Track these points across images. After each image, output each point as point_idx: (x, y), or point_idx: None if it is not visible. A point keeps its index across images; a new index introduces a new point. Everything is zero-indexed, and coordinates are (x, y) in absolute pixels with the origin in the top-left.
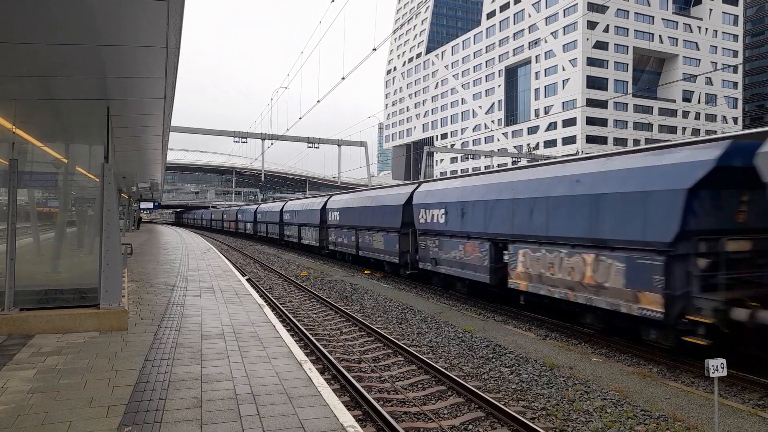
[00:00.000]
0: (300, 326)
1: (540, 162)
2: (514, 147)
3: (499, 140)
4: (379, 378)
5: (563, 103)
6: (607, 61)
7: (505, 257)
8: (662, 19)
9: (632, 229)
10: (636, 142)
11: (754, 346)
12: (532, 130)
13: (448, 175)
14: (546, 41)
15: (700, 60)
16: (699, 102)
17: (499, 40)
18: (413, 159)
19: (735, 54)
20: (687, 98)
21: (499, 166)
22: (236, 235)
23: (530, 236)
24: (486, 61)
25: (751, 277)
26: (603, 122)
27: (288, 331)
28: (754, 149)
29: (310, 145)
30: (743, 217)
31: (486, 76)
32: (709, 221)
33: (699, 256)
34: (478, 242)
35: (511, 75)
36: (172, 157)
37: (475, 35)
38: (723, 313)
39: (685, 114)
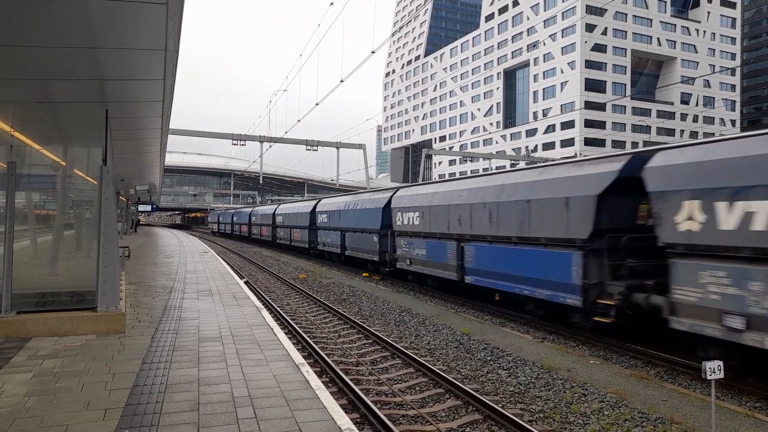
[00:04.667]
0: (298, 329)
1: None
2: (513, 149)
3: (497, 143)
4: (377, 381)
5: (562, 105)
6: (606, 63)
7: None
8: (660, 21)
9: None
10: (634, 144)
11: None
12: (531, 133)
13: (447, 177)
14: (544, 44)
15: (698, 63)
16: (697, 104)
17: (498, 43)
18: (412, 161)
19: (733, 57)
20: (685, 101)
21: (497, 168)
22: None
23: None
24: (484, 64)
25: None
26: (601, 125)
27: (286, 333)
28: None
29: (309, 147)
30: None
31: (484, 78)
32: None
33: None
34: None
35: (510, 78)
36: (171, 159)
37: (473, 38)
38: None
39: (684, 116)
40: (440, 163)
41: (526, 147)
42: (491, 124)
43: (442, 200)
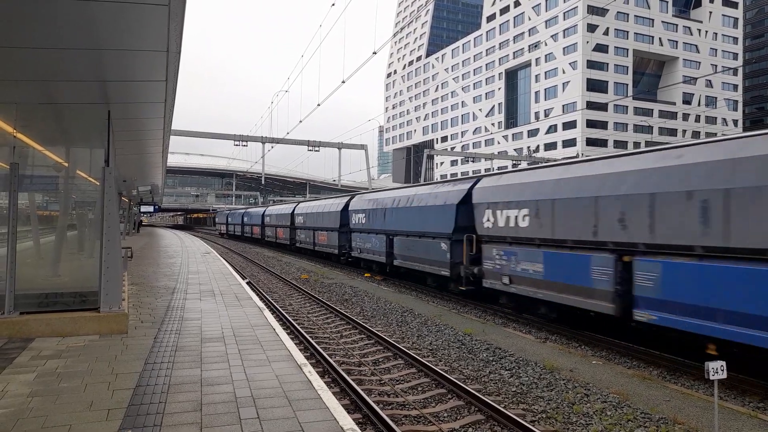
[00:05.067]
0: (300, 329)
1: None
2: (515, 150)
3: (499, 143)
4: (380, 381)
5: (563, 105)
6: (607, 63)
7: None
8: (662, 21)
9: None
10: (636, 144)
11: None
12: (533, 133)
13: (448, 177)
14: (546, 44)
15: (700, 62)
16: (699, 104)
17: (499, 43)
18: (413, 162)
19: (735, 56)
20: (687, 101)
21: (498, 168)
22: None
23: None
24: (486, 64)
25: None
26: (603, 125)
27: (288, 334)
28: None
29: (311, 148)
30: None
31: (486, 79)
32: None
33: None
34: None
35: (511, 78)
36: (173, 160)
37: (475, 38)
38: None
39: (686, 116)
40: (442, 163)
41: (528, 147)
42: (493, 124)
43: (579, 189)
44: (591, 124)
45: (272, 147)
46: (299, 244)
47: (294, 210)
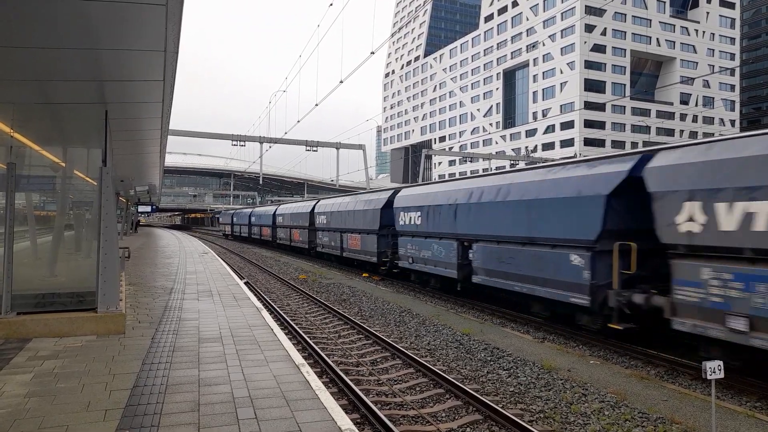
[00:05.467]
0: (298, 329)
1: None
2: (512, 150)
3: (497, 143)
4: (377, 381)
5: (561, 105)
6: (605, 64)
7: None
8: (659, 22)
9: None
10: (634, 144)
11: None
12: (530, 133)
13: (446, 177)
14: (544, 44)
15: (697, 63)
16: (696, 104)
17: (497, 44)
18: (412, 162)
19: (732, 57)
20: (684, 101)
21: (496, 168)
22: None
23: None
24: (484, 65)
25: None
26: (601, 125)
27: (286, 334)
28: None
29: (309, 148)
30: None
31: (484, 79)
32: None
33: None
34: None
35: (509, 78)
36: (170, 160)
37: (473, 38)
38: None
39: (683, 116)
40: (440, 163)
41: (526, 147)
42: (491, 124)
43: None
44: (589, 124)
45: (270, 147)
46: (321, 248)
47: (314, 208)
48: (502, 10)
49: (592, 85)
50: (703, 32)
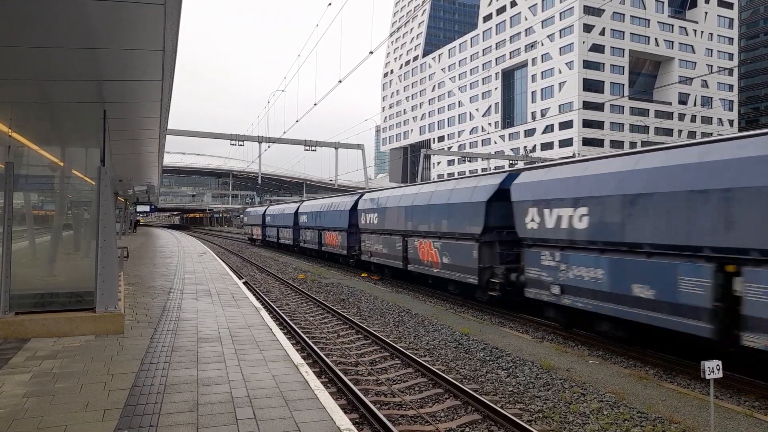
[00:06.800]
0: (297, 329)
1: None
2: (511, 149)
3: (496, 143)
4: (376, 381)
5: (560, 105)
6: (604, 63)
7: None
8: (658, 22)
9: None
10: (632, 144)
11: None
12: (529, 133)
13: (445, 177)
14: (542, 44)
15: (695, 63)
16: (695, 104)
17: (496, 43)
18: (410, 162)
19: (730, 57)
20: (683, 101)
21: (495, 168)
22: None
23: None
24: (483, 64)
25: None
26: (600, 125)
27: (285, 334)
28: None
29: (307, 147)
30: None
31: (483, 79)
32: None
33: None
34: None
35: (508, 78)
36: (169, 159)
37: (471, 38)
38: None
39: (681, 116)
40: (439, 163)
41: (525, 147)
42: (490, 124)
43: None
44: (587, 124)
45: (269, 146)
46: (416, 268)
47: (384, 200)
48: (501, 10)
49: (590, 85)
50: (702, 32)
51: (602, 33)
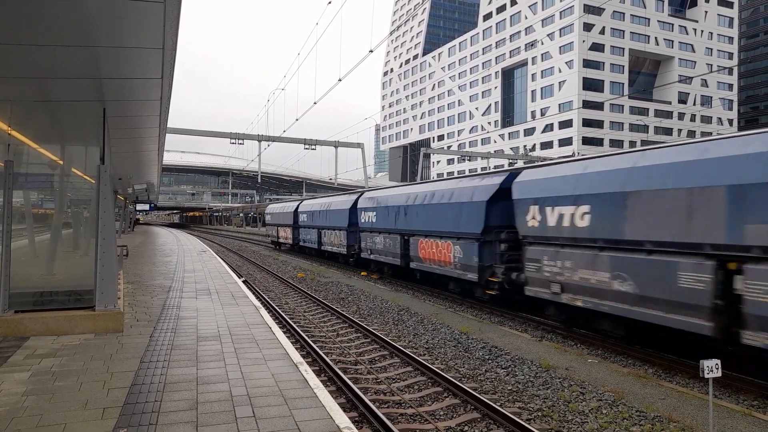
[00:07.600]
0: (296, 328)
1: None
2: (511, 149)
3: (495, 142)
4: (376, 380)
5: (560, 104)
6: (603, 63)
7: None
8: (658, 21)
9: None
10: (632, 143)
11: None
12: (529, 132)
13: (445, 176)
14: (542, 43)
15: (695, 62)
16: (695, 104)
17: (496, 42)
18: (410, 160)
19: (730, 56)
20: (683, 100)
21: (495, 167)
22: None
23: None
24: (482, 63)
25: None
26: (599, 124)
27: (284, 332)
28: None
29: (307, 146)
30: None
31: (483, 77)
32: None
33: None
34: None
35: (508, 77)
36: (169, 158)
37: (471, 37)
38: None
39: (681, 116)
40: (438, 162)
41: (525, 146)
42: (489, 123)
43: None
44: (587, 123)
45: (269, 145)
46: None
47: (298, 207)
48: (501, 9)
49: (590, 84)
50: (702, 31)
51: (602, 32)
